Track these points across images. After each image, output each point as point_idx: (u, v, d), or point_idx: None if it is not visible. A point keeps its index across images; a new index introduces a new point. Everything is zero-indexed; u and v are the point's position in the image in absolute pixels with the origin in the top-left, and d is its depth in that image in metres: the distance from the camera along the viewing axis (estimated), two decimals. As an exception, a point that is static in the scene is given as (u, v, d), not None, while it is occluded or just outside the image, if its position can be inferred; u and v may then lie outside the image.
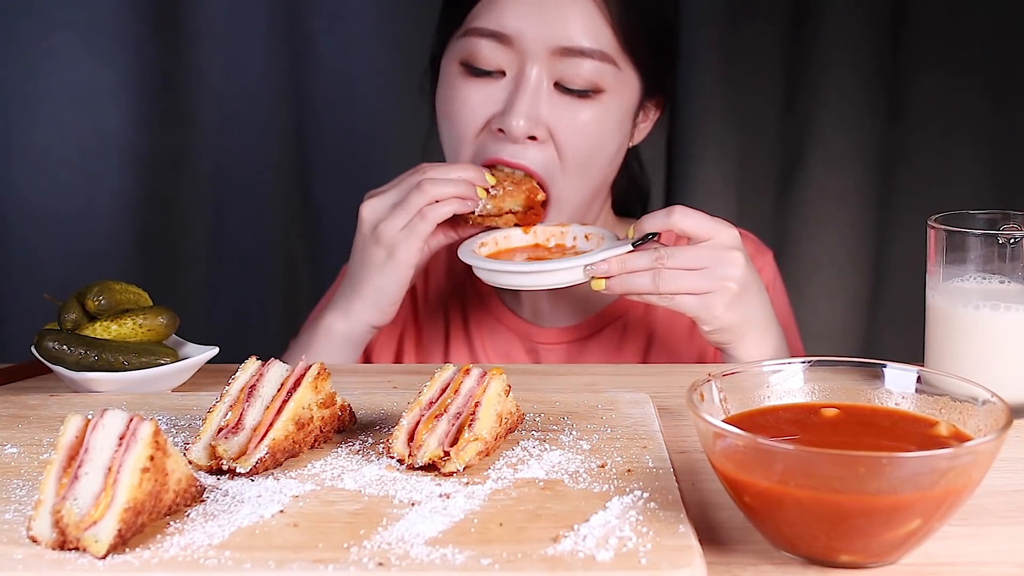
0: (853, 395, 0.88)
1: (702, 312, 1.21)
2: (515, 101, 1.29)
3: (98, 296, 1.17)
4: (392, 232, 1.26)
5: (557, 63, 1.30)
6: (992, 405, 0.80)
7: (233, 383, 0.95)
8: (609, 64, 1.31)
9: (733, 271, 1.20)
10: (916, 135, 2.08)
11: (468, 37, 1.32)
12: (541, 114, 1.30)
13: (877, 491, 0.71)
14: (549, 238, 1.32)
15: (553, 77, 1.31)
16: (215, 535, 0.78)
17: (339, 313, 1.32)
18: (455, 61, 1.35)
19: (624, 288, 1.20)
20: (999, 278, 1.06)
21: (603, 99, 1.32)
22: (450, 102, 1.35)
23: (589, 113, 1.32)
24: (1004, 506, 0.87)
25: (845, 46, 2.02)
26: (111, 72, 1.96)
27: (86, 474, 0.78)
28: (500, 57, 1.31)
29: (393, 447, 0.91)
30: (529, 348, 1.48)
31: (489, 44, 1.31)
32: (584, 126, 1.32)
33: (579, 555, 0.75)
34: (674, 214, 1.20)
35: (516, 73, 1.31)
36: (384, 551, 0.75)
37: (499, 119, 1.31)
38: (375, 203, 1.29)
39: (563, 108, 1.31)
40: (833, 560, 0.77)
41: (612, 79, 1.32)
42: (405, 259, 1.27)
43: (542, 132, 1.31)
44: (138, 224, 2.02)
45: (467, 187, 1.27)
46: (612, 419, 1.01)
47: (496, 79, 1.32)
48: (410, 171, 1.31)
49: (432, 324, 1.52)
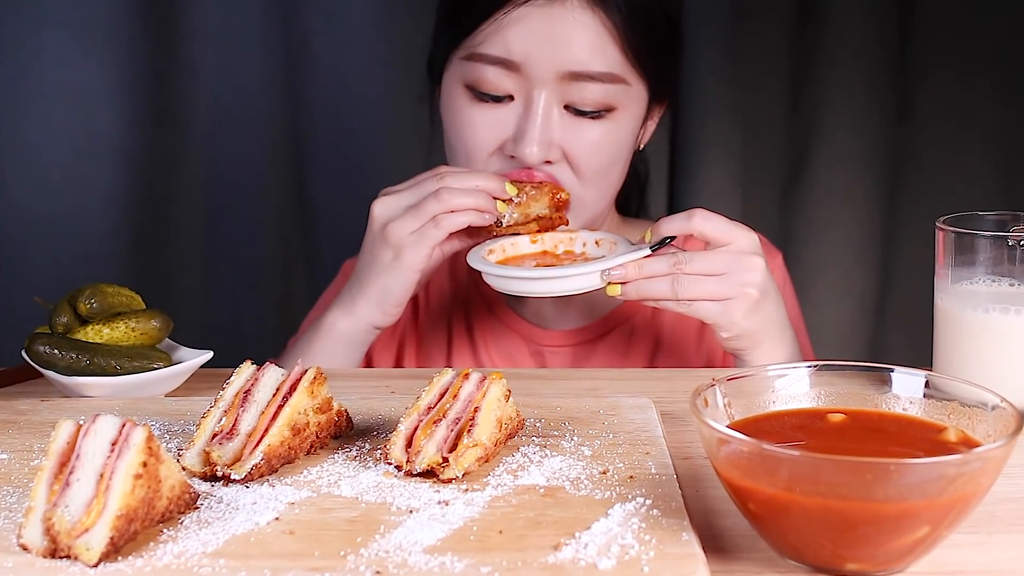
0: (860, 400, 0.87)
1: (721, 319, 1.19)
2: (527, 129, 1.28)
3: (90, 299, 1.16)
4: (402, 234, 1.24)
5: (566, 87, 1.28)
6: (1002, 410, 0.79)
7: (228, 388, 0.95)
8: (619, 84, 1.29)
9: (753, 276, 1.18)
10: (924, 135, 2.07)
11: (473, 62, 1.30)
12: (553, 138, 1.29)
13: (884, 498, 0.70)
14: (557, 244, 1.31)
15: (563, 100, 1.29)
16: (209, 543, 0.77)
17: (342, 311, 1.31)
18: (459, 83, 1.32)
19: (641, 294, 1.18)
20: (1008, 280, 1.05)
21: (614, 116, 1.31)
22: (458, 126, 1.33)
23: (601, 131, 1.30)
24: (1014, 513, 0.86)
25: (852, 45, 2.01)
26: (103, 71, 1.95)
27: (78, 480, 0.77)
28: (507, 83, 1.29)
29: (391, 453, 0.90)
30: (534, 351, 1.47)
31: (495, 71, 1.28)
32: (597, 144, 1.31)
33: (581, 563, 0.74)
34: (695, 217, 1.18)
35: (525, 99, 1.29)
36: (382, 559, 0.75)
37: (511, 146, 1.29)
38: (389, 201, 1.27)
39: (575, 129, 1.30)
40: (840, 568, 0.76)
41: (622, 97, 1.30)
42: (411, 263, 1.25)
43: (556, 154, 1.30)
44: (131, 226, 2.01)
45: (486, 199, 1.25)
46: (614, 424, 1.00)
47: (504, 104, 1.30)
48: (429, 173, 1.29)
49: (434, 327, 1.51)
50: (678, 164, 2.05)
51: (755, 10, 2.01)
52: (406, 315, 1.50)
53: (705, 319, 1.20)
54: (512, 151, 1.29)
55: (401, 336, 1.50)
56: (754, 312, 1.19)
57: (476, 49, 1.29)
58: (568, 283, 1.20)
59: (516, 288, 1.22)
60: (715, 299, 1.18)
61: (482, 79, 1.29)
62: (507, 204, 1.26)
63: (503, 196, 1.26)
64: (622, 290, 1.18)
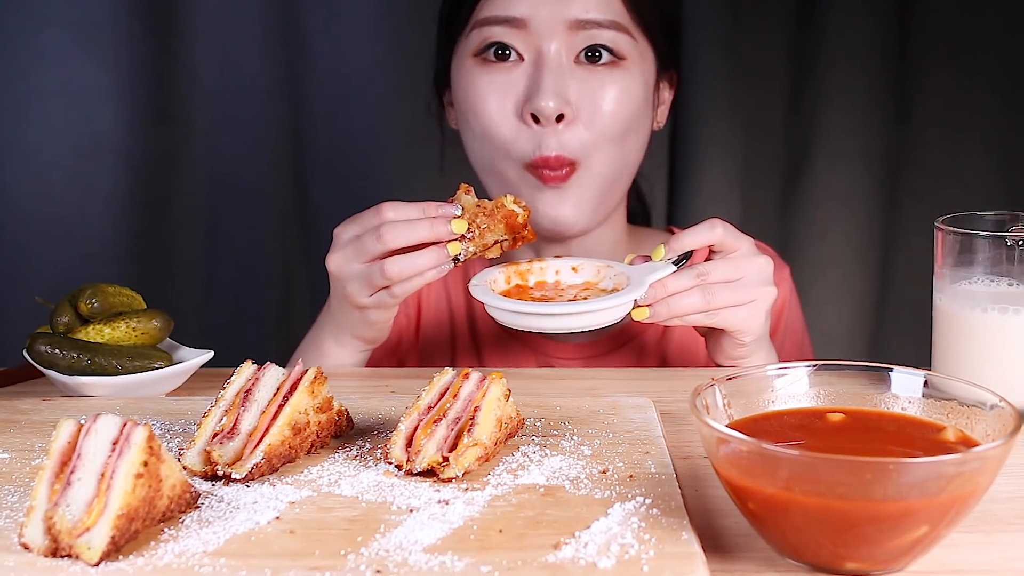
0: (859, 400, 0.87)
1: (747, 323, 1.17)
2: (540, 81, 1.28)
3: (91, 299, 1.16)
4: (361, 300, 1.19)
5: (574, 37, 1.29)
6: (1000, 410, 0.79)
7: (228, 387, 0.95)
8: (624, 34, 1.30)
9: (767, 276, 1.18)
10: (923, 135, 2.07)
11: (479, 28, 1.31)
12: (568, 91, 1.28)
13: (884, 497, 0.70)
14: (526, 275, 1.19)
15: (572, 52, 1.30)
16: (210, 542, 0.77)
17: (331, 339, 1.30)
18: (468, 56, 1.33)
19: (673, 312, 1.12)
20: (1007, 280, 1.05)
21: (625, 67, 1.31)
22: (472, 97, 1.33)
23: (615, 83, 1.30)
24: (1013, 512, 0.86)
25: (851, 45, 2.01)
26: (103, 71, 1.95)
27: (79, 480, 0.77)
28: (516, 42, 1.30)
29: (391, 452, 0.90)
30: (542, 364, 1.46)
31: (503, 30, 1.29)
32: (612, 97, 1.30)
33: (580, 562, 0.74)
34: (717, 227, 1.15)
35: (535, 55, 1.30)
36: (382, 558, 0.75)
37: (528, 104, 1.28)
38: (339, 259, 1.18)
39: (589, 82, 1.30)
40: (839, 568, 0.76)
41: (630, 48, 1.31)
42: (380, 322, 1.23)
43: (570, 111, 1.29)
44: (131, 226, 2.00)
45: (436, 255, 1.14)
46: (614, 424, 1.00)
47: (516, 64, 1.31)
48: (371, 215, 1.16)
49: (437, 338, 1.50)
50: (678, 164, 2.04)
51: (755, 10, 2.00)
52: (410, 330, 1.49)
53: (731, 326, 1.17)
54: (529, 108, 1.28)
55: (404, 350, 1.50)
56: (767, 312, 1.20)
57: (483, 15, 1.30)
58: (599, 317, 1.09)
59: (544, 325, 1.09)
60: (742, 304, 1.16)
61: (489, 39, 1.30)
62: (460, 242, 1.14)
63: (449, 237, 1.14)
64: (651, 312, 1.12)
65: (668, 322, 1.14)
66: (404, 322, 1.49)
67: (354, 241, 1.17)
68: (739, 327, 1.18)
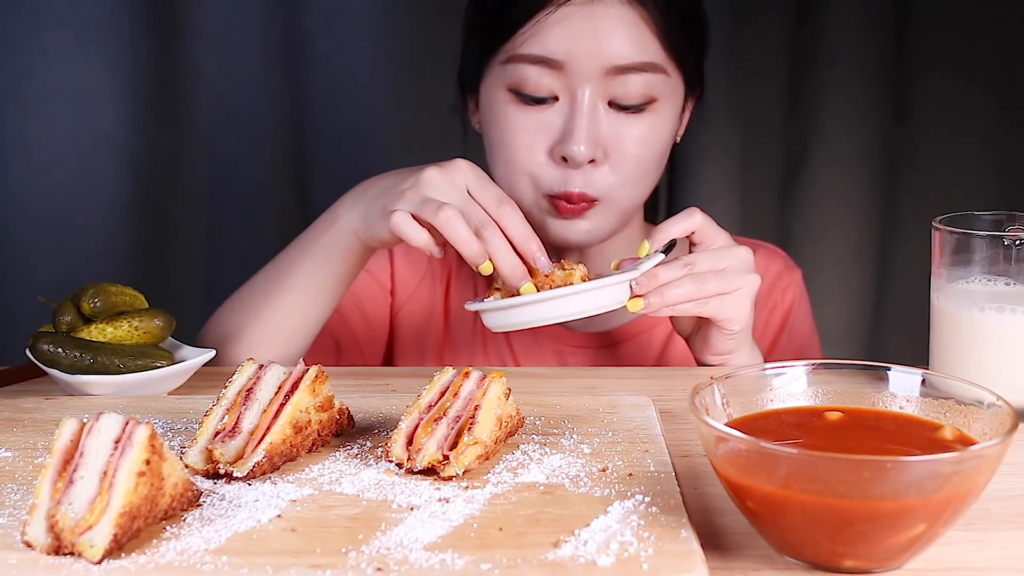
0: (857, 398, 0.87)
1: (736, 311, 1.19)
2: (574, 127, 1.27)
3: (93, 298, 1.16)
4: (400, 206, 1.15)
5: (610, 82, 1.27)
6: (998, 408, 0.79)
7: (230, 386, 0.95)
8: (659, 74, 1.29)
9: (749, 264, 1.19)
10: (921, 135, 2.08)
11: (514, 64, 1.29)
12: (600, 136, 1.28)
13: (881, 496, 0.70)
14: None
15: (606, 96, 1.29)
16: (212, 540, 0.78)
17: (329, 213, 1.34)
18: (502, 87, 1.31)
19: (667, 301, 1.14)
20: (1004, 280, 1.05)
21: (656, 108, 1.31)
22: (503, 131, 1.32)
23: (644, 125, 1.30)
24: (1010, 511, 0.86)
25: (849, 45, 2.01)
26: (105, 71, 1.95)
27: (81, 478, 0.77)
28: (551, 82, 1.28)
29: (392, 451, 0.90)
30: (556, 350, 1.47)
31: (538, 70, 1.28)
32: (642, 139, 1.30)
33: (580, 560, 0.74)
34: (696, 215, 1.18)
35: (570, 98, 1.29)
36: (383, 556, 0.75)
37: (559, 147, 1.28)
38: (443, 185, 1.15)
39: (619, 126, 1.29)
40: (837, 565, 0.76)
41: (663, 87, 1.30)
42: (384, 233, 1.19)
43: (600, 154, 1.29)
44: (133, 225, 2.01)
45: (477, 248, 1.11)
46: (613, 423, 1.00)
47: (550, 105, 1.30)
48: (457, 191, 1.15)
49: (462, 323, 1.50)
50: (676, 164, 2.04)
51: (754, 11, 2.01)
52: (438, 317, 1.49)
53: (719, 315, 1.19)
54: (561, 151, 1.28)
55: (427, 331, 1.50)
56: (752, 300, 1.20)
57: (518, 51, 1.29)
58: (595, 299, 1.09)
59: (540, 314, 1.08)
60: (730, 292, 1.17)
61: (525, 80, 1.28)
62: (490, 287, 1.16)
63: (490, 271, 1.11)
64: (645, 302, 1.14)
65: (661, 312, 1.15)
66: (437, 319, 1.49)
67: (437, 190, 1.14)
68: (727, 315, 1.19)
